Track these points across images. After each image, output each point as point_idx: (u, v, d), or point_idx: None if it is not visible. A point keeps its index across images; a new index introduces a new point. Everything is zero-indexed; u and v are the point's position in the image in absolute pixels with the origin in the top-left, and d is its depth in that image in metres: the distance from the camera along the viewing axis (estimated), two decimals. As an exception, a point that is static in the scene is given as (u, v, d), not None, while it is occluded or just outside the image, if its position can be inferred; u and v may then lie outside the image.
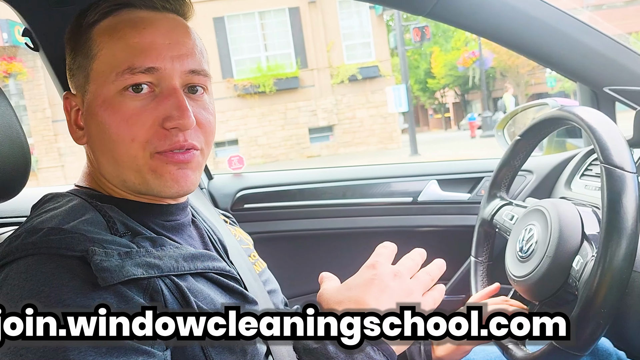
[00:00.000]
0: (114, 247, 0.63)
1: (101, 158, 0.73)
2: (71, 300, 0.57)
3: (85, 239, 0.62)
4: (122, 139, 0.68)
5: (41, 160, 13.75)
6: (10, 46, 12.58)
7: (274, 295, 0.92)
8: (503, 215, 1.05)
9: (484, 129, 17.78)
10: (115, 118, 0.68)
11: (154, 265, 0.64)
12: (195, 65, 0.71)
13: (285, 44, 15.66)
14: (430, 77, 32.59)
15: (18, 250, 0.61)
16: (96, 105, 0.69)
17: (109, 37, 0.69)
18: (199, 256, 0.72)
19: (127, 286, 0.60)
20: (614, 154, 0.72)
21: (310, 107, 15.62)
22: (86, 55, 0.71)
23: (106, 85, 0.68)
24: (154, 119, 0.68)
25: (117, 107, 0.68)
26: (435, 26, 23.75)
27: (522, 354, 0.82)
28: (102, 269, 0.59)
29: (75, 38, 0.73)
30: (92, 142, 0.73)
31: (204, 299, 0.68)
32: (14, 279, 0.59)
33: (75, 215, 0.67)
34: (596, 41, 1.15)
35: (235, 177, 1.59)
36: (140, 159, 0.69)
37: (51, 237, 0.61)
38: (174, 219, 0.77)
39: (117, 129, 0.68)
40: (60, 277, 0.58)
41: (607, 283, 0.67)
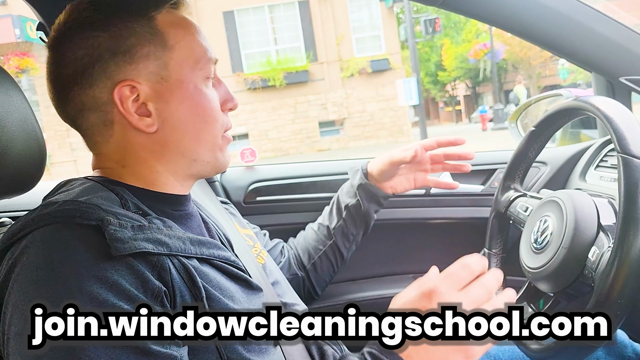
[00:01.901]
0: (127, 219, 0.64)
1: (179, 141, 0.75)
2: (85, 269, 0.58)
3: (100, 210, 0.63)
4: (214, 119, 0.77)
5: (54, 155, 13.90)
6: (22, 42, 12.69)
7: (277, 286, 0.93)
8: (517, 207, 1.05)
9: (496, 121, 17.63)
10: (207, 101, 0.76)
11: (163, 243, 0.65)
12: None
13: (295, 37, 15.63)
14: (441, 69, 32.40)
15: (34, 222, 0.62)
16: (186, 90, 0.74)
17: (183, 31, 0.75)
18: (205, 242, 0.73)
19: (137, 260, 0.62)
20: (632, 143, 0.71)
21: (320, 100, 15.58)
22: (160, 44, 0.73)
23: (195, 73, 0.75)
24: (221, 103, 0.79)
25: (206, 93, 0.76)
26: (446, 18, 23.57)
27: (537, 346, 0.82)
28: (115, 239, 0.60)
29: (133, 29, 0.71)
30: (170, 126, 0.74)
31: (210, 282, 0.69)
32: (32, 248, 0.60)
33: (89, 192, 0.69)
34: (612, 30, 1.14)
35: (247, 170, 1.59)
36: (219, 138, 0.79)
37: (66, 207, 0.63)
38: (182, 208, 0.79)
39: (211, 110, 0.77)
40: (75, 246, 0.60)
41: (624, 274, 0.67)
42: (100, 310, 0.56)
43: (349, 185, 1.21)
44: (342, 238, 1.19)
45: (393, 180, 1.18)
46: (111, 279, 0.59)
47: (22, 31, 12.42)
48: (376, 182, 1.18)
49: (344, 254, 1.20)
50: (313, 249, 1.19)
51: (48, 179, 1.07)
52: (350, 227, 1.18)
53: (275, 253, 1.17)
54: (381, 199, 1.19)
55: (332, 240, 1.18)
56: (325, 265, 1.19)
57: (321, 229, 1.21)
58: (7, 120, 0.79)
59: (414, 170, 1.19)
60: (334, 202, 1.22)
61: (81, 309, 0.56)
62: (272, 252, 1.16)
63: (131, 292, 0.59)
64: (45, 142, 0.89)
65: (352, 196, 1.18)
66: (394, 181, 1.18)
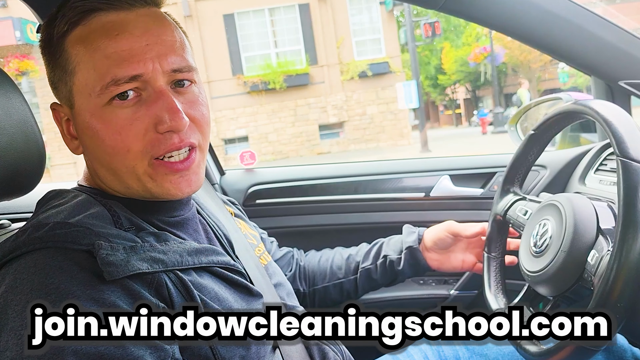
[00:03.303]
0: (120, 241, 0.63)
1: (99, 167, 0.72)
2: (81, 292, 0.57)
3: (90, 233, 0.62)
4: (117, 150, 0.67)
5: (54, 157, 13.88)
6: (23, 44, 12.70)
7: (280, 288, 0.92)
8: (517, 211, 1.04)
9: (496, 125, 17.64)
10: (107, 130, 0.67)
11: (158, 260, 0.64)
12: (177, 63, 0.69)
13: (295, 40, 15.64)
14: (440, 73, 32.41)
15: (25, 245, 0.61)
16: (86, 119, 0.68)
17: (84, 49, 0.67)
18: (203, 250, 0.72)
19: (133, 280, 0.61)
20: (631, 147, 0.71)
21: (320, 103, 15.59)
22: (64, 69, 0.69)
23: (92, 99, 0.67)
24: (146, 125, 0.67)
25: (108, 119, 0.67)
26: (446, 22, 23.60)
27: (536, 349, 0.82)
28: (108, 263, 0.59)
29: (49, 50, 0.71)
30: (88, 152, 0.73)
31: (208, 293, 0.68)
32: (23, 273, 0.59)
33: (80, 209, 0.67)
34: (611, 34, 1.14)
35: (247, 173, 1.59)
36: (139, 167, 0.68)
37: (57, 231, 0.62)
38: (177, 214, 0.78)
39: (111, 141, 0.67)
40: (69, 269, 0.59)
41: (623, 277, 0.66)
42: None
43: (398, 240, 1.17)
44: (365, 279, 1.16)
45: (444, 254, 1.14)
46: (108, 300, 0.58)
47: (22, 33, 12.43)
48: (426, 250, 1.14)
49: (359, 293, 1.18)
50: (332, 273, 1.17)
51: (48, 181, 1.07)
52: (378, 275, 1.15)
53: (282, 263, 1.14)
54: (421, 270, 1.15)
55: (354, 277, 1.16)
56: (337, 293, 1.17)
57: (350, 261, 1.17)
58: (6, 123, 0.79)
59: (464, 251, 1.15)
60: (376, 245, 1.18)
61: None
62: (279, 262, 1.13)
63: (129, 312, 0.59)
64: (44, 144, 0.89)
65: (397, 252, 1.14)
66: (444, 256, 1.14)
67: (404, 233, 1.18)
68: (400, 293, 1.44)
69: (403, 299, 1.44)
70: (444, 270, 1.16)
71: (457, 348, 1.01)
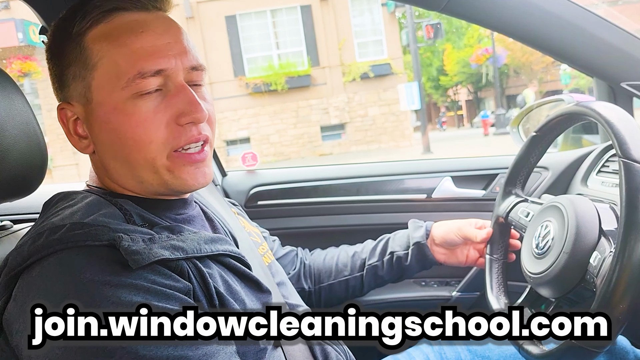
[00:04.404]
0: (137, 234, 0.64)
1: (113, 163, 0.73)
2: (117, 280, 0.59)
3: (108, 230, 0.63)
4: (139, 142, 0.69)
5: (56, 158, 13.92)
6: (25, 46, 12.74)
7: (282, 287, 0.93)
8: (518, 212, 1.04)
9: (497, 126, 17.64)
10: (130, 123, 0.69)
11: (178, 248, 0.66)
12: (194, 61, 0.73)
13: (297, 41, 15.65)
14: (442, 74, 32.41)
15: (44, 248, 0.62)
16: (105, 113, 0.70)
17: (109, 44, 0.69)
18: (217, 239, 0.74)
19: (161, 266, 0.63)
20: (633, 148, 0.71)
21: (322, 105, 15.59)
22: (84, 64, 0.71)
23: (115, 92, 0.69)
24: (168, 118, 0.70)
25: (131, 112, 0.69)
26: (448, 23, 23.60)
27: (538, 351, 0.82)
28: (132, 252, 0.60)
29: (63, 48, 0.72)
30: (102, 149, 0.74)
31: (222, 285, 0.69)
32: (51, 275, 0.60)
33: (92, 209, 0.68)
34: (614, 36, 1.14)
35: (248, 174, 1.59)
36: (158, 160, 0.71)
37: (75, 231, 0.62)
38: (183, 212, 0.79)
39: (134, 133, 0.69)
40: (96, 263, 0.60)
41: (625, 278, 0.66)
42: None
43: (405, 235, 1.17)
44: (371, 276, 1.16)
45: (451, 250, 1.14)
46: (145, 285, 0.60)
47: (24, 35, 12.46)
48: (434, 245, 1.14)
49: (364, 289, 1.18)
50: (338, 271, 1.17)
51: (50, 183, 1.07)
52: (384, 272, 1.16)
53: (285, 262, 1.15)
54: (428, 264, 1.16)
55: (360, 274, 1.16)
56: (342, 290, 1.17)
57: (355, 258, 1.18)
58: (8, 124, 0.80)
59: (469, 246, 1.15)
60: (382, 242, 1.19)
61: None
62: (282, 260, 1.14)
63: (168, 292, 0.61)
64: (46, 145, 0.89)
65: (404, 248, 1.15)
66: (450, 252, 1.14)
67: (411, 228, 1.18)
68: (401, 295, 1.44)
69: (405, 300, 1.44)
70: (449, 264, 1.16)
71: (459, 350, 1.00)
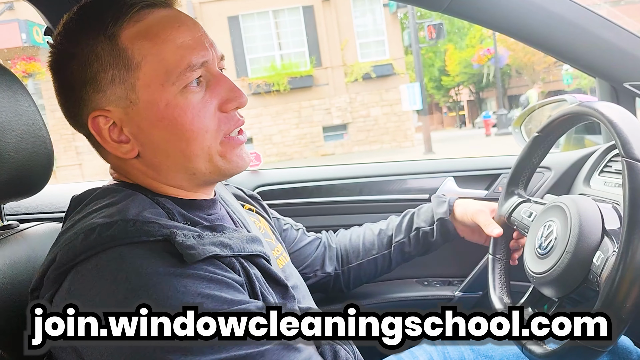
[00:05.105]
0: (186, 231, 0.65)
1: (166, 161, 0.73)
2: (179, 270, 0.60)
3: (160, 226, 0.64)
4: (197, 133, 0.70)
5: (60, 158, 13.93)
6: (29, 46, 12.76)
7: (296, 290, 0.92)
8: (521, 213, 1.05)
9: (499, 127, 17.62)
10: (187, 115, 0.69)
11: (227, 245, 0.67)
12: (221, 51, 0.75)
13: (299, 42, 15.66)
14: (444, 74, 32.40)
15: (99, 244, 0.61)
16: (158, 110, 0.69)
17: (149, 42, 0.68)
18: (255, 239, 0.75)
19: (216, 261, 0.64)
20: (636, 147, 0.71)
21: (324, 105, 15.60)
22: (125, 66, 0.68)
23: (166, 88, 0.68)
24: (215, 106, 0.72)
25: (185, 104, 0.69)
26: (450, 23, 23.58)
27: (541, 350, 0.82)
28: (187, 247, 0.61)
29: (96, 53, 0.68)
30: (152, 148, 0.72)
31: (262, 285, 0.71)
32: (112, 269, 0.60)
33: (138, 207, 0.68)
34: (616, 36, 1.14)
35: (252, 174, 1.59)
36: (213, 147, 0.72)
37: (129, 228, 0.63)
38: (213, 212, 0.80)
39: (192, 124, 0.70)
40: (157, 255, 0.61)
41: (629, 277, 0.66)
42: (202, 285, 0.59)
43: (429, 210, 1.20)
44: (399, 253, 1.19)
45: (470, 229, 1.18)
46: (206, 275, 0.61)
47: (28, 36, 12.49)
48: (454, 220, 1.17)
49: (392, 266, 1.21)
50: (365, 250, 1.20)
51: (54, 183, 1.08)
52: (411, 247, 1.18)
53: (311, 249, 1.16)
54: (451, 238, 1.19)
55: (388, 251, 1.19)
56: (371, 268, 1.20)
57: (382, 236, 1.20)
58: (15, 124, 0.80)
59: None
60: (407, 218, 1.21)
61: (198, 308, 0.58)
62: (307, 248, 1.16)
63: (230, 283, 0.62)
64: (52, 145, 0.89)
65: (429, 224, 1.18)
66: (470, 230, 1.18)
67: (434, 203, 1.20)
68: (404, 294, 1.44)
69: (407, 299, 1.44)
70: (469, 240, 1.20)
71: (462, 349, 1.01)
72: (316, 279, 1.16)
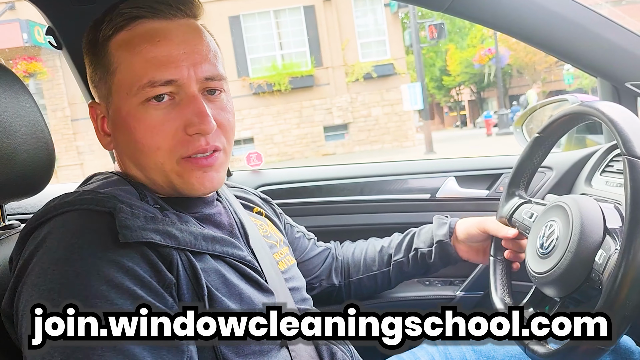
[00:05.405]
0: (141, 210, 0.68)
1: (128, 162, 0.78)
2: (102, 253, 0.61)
3: (115, 199, 0.67)
4: (147, 147, 0.72)
5: (60, 158, 13.94)
6: (30, 46, 12.78)
7: (296, 292, 0.92)
8: (522, 214, 1.04)
9: (500, 126, 17.61)
10: (140, 128, 0.72)
11: (172, 236, 0.67)
12: (210, 72, 0.74)
13: (300, 42, 15.66)
14: (445, 74, 32.41)
15: (55, 209, 0.66)
16: (121, 116, 0.73)
17: (127, 52, 0.72)
18: (220, 240, 0.75)
19: (151, 250, 0.65)
20: (637, 145, 0.71)
21: (325, 105, 15.60)
22: (106, 69, 0.74)
23: (129, 98, 0.72)
24: (176, 126, 0.72)
25: (141, 117, 0.71)
26: (451, 23, 23.58)
27: (544, 350, 0.82)
28: (124, 226, 0.63)
29: (93, 51, 0.77)
30: (119, 148, 0.78)
31: (216, 280, 0.71)
32: (54, 233, 0.64)
33: (110, 185, 0.73)
34: (618, 36, 1.14)
35: (253, 174, 1.60)
36: (167, 165, 0.73)
37: (85, 196, 0.67)
38: (199, 210, 0.80)
39: (143, 138, 0.72)
40: (95, 228, 0.64)
41: (631, 275, 0.66)
42: (101, 308, 0.57)
43: (429, 232, 1.18)
44: (397, 272, 1.18)
45: (474, 247, 1.14)
46: (127, 264, 0.61)
47: (29, 35, 12.51)
48: (456, 242, 1.15)
49: (392, 284, 1.21)
50: (366, 266, 1.19)
51: (55, 182, 1.08)
52: (410, 267, 1.18)
53: (319, 260, 1.16)
54: (452, 261, 1.17)
55: (387, 269, 1.19)
56: (371, 284, 1.20)
57: (382, 253, 1.20)
58: (16, 124, 0.80)
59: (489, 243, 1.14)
60: (407, 238, 1.20)
61: (95, 290, 0.58)
62: (316, 258, 1.16)
63: (145, 279, 0.62)
64: (54, 145, 0.89)
65: (427, 245, 1.16)
66: (474, 249, 1.14)
67: (435, 224, 1.18)
68: (405, 294, 1.44)
69: (408, 299, 1.44)
70: (473, 262, 1.17)
71: (463, 350, 1.00)
72: (321, 288, 1.16)
